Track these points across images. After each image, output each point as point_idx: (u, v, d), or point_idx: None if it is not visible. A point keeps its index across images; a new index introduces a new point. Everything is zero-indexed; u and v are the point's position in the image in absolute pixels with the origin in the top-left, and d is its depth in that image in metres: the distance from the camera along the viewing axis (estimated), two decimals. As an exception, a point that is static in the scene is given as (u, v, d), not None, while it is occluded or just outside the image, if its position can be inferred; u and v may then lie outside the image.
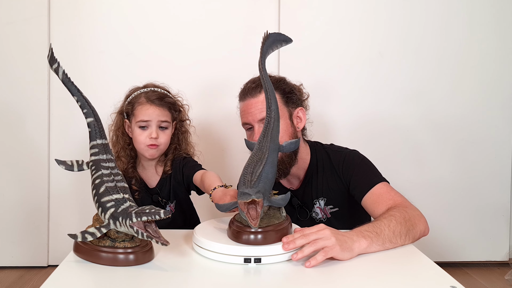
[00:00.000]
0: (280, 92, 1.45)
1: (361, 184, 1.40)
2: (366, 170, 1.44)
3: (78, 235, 1.00)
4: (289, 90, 1.47)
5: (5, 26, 2.23)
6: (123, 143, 1.53)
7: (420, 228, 1.23)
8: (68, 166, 1.10)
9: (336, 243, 1.05)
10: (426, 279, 0.99)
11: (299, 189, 1.52)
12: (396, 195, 1.34)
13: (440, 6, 2.34)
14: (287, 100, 1.46)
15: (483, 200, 2.41)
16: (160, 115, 1.49)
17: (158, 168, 1.58)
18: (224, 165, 2.30)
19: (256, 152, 1.13)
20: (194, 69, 2.29)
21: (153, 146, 1.48)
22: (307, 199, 1.50)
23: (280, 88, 1.45)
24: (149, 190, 1.57)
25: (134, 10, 2.28)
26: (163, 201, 1.57)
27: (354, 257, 1.10)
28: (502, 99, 2.39)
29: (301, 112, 1.50)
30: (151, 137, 1.47)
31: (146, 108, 1.48)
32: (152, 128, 1.48)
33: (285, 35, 1.23)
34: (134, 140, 1.51)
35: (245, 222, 1.08)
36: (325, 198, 1.48)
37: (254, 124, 1.43)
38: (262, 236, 1.06)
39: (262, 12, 2.31)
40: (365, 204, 1.37)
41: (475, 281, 2.22)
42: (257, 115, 1.41)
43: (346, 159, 1.47)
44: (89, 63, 2.26)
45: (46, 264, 2.30)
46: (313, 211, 1.50)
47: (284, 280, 0.99)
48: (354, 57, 2.32)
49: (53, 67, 1.02)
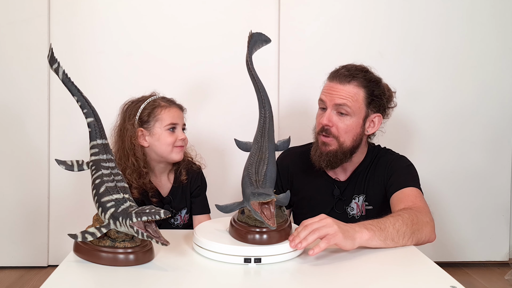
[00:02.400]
0: (368, 91, 1.44)
1: (396, 182, 1.42)
2: (406, 174, 1.45)
3: (78, 235, 1.00)
4: (378, 93, 1.45)
5: (5, 26, 2.23)
6: (141, 155, 1.48)
7: (425, 233, 1.23)
8: (68, 166, 1.10)
9: (338, 231, 1.07)
10: (426, 279, 0.99)
11: (343, 182, 1.52)
12: (420, 202, 1.34)
13: (440, 6, 2.34)
14: (371, 102, 1.45)
15: (483, 200, 2.41)
16: (183, 117, 1.54)
17: (170, 176, 1.58)
18: (224, 165, 2.30)
19: (256, 152, 1.13)
20: (194, 69, 2.29)
21: (181, 148, 1.51)
22: (348, 193, 1.50)
23: (370, 88, 1.44)
24: (162, 199, 1.56)
25: (134, 11, 2.28)
26: (174, 211, 1.56)
27: (355, 247, 1.11)
28: (502, 99, 2.39)
29: (377, 119, 1.48)
30: (180, 138, 1.50)
31: (174, 111, 1.51)
32: (178, 129, 1.51)
33: (265, 35, 1.22)
34: (160, 144, 1.48)
35: (253, 222, 1.08)
36: (365, 194, 1.49)
37: (328, 106, 1.43)
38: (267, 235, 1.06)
39: (262, 12, 2.31)
40: (391, 201, 1.40)
41: (475, 281, 2.22)
42: (335, 100, 1.41)
43: (393, 161, 1.49)
44: (89, 63, 2.26)
45: (46, 264, 2.30)
46: (349, 206, 1.50)
47: (284, 280, 0.99)
48: (353, 57, 2.27)
49: (53, 67, 1.02)
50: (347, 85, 1.42)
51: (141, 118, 1.49)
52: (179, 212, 1.58)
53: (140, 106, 1.50)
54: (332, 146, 1.43)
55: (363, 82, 1.43)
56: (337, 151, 1.43)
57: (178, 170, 1.57)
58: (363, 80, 1.43)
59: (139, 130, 1.49)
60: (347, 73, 1.43)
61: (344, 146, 1.44)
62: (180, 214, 1.58)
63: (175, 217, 1.57)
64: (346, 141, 1.44)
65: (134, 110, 1.51)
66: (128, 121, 1.50)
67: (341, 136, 1.43)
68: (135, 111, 1.50)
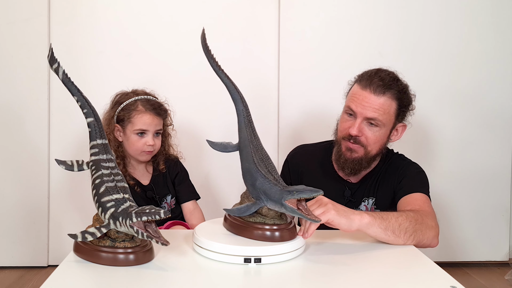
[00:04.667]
0: (400, 103, 1.41)
1: (405, 187, 1.41)
2: (417, 180, 1.44)
3: (78, 235, 1.00)
4: (407, 103, 1.44)
5: (5, 26, 2.23)
6: (115, 147, 1.58)
7: (428, 236, 1.22)
8: (68, 166, 1.10)
9: (331, 208, 1.10)
10: (426, 279, 0.99)
11: (355, 184, 1.51)
12: (428, 207, 1.33)
13: (440, 6, 2.34)
14: (399, 113, 1.43)
15: (483, 200, 2.41)
16: (157, 124, 1.57)
17: (148, 167, 1.66)
18: (224, 165, 2.30)
19: (256, 152, 1.13)
20: (194, 69, 2.28)
21: (149, 152, 1.57)
22: (358, 195, 1.50)
23: (401, 100, 1.41)
24: (143, 187, 1.61)
25: (134, 11, 2.28)
26: (157, 197, 1.62)
27: (353, 229, 1.12)
28: (501, 99, 2.39)
29: (401, 128, 1.48)
30: (149, 144, 1.55)
31: (146, 118, 1.54)
32: (149, 136, 1.56)
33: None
34: (129, 145, 1.58)
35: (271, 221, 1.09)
36: (375, 198, 1.48)
37: (358, 116, 1.39)
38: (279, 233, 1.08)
39: (262, 12, 2.31)
40: (399, 204, 1.38)
41: (475, 281, 2.22)
42: (367, 113, 1.37)
43: (405, 166, 1.48)
44: (89, 63, 2.26)
45: (46, 264, 2.30)
46: (358, 208, 1.49)
47: (284, 280, 0.99)
48: (353, 57, 2.31)
49: (53, 67, 1.02)
50: (381, 97, 1.37)
51: (119, 116, 1.57)
52: (164, 199, 1.64)
53: (122, 103, 1.57)
54: (359, 153, 1.42)
55: (396, 94, 1.40)
56: (362, 159, 1.43)
57: (156, 162, 1.65)
58: (396, 92, 1.40)
59: (115, 125, 1.57)
60: (381, 84, 1.38)
61: (370, 154, 1.43)
62: (166, 201, 1.65)
63: (162, 204, 1.63)
64: (373, 150, 1.43)
65: (117, 105, 1.59)
66: (111, 111, 1.59)
67: (369, 145, 1.42)
68: (117, 107, 1.58)
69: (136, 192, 1.59)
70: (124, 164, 1.60)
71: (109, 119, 1.59)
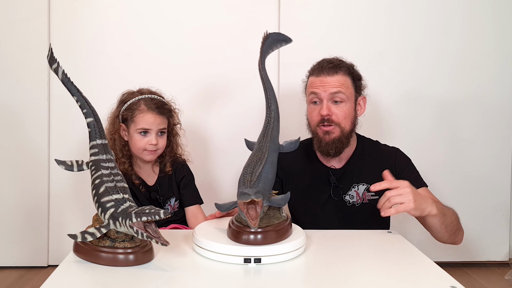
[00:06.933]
0: (352, 77, 1.54)
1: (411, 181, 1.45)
2: (415, 172, 1.57)
3: (78, 235, 1.00)
4: (358, 77, 1.56)
5: (5, 26, 2.23)
6: (120, 146, 1.58)
7: (459, 237, 1.45)
8: (68, 166, 1.10)
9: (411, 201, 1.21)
10: (426, 279, 0.99)
11: (339, 170, 1.57)
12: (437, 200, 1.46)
13: (440, 6, 2.34)
14: (356, 85, 1.55)
15: (483, 200, 2.41)
16: (160, 123, 1.56)
17: (154, 167, 1.65)
18: (224, 165, 2.30)
19: (256, 152, 1.13)
20: (194, 69, 2.29)
21: (152, 152, 1.56)
22: (345, 181, 1.56)
23: (353, 74, 1.54)
24: (148, 187, 1.61)
25: (134, 11, 2.28)
26: (161, 198, 1.61)
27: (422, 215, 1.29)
28: (502, 99, 2.39)
29: (363, 101, 1.59)
30: (151, 143, 1.54)
31: (148, 117, 1.54)
32: (152, 135, 1.55)
33: (284, 35, 1.24)
34: (133, 144, 1.57)
35: (245, 222, 1.08)
36: (368, 184, 1.53)
37: (323, 98, 1.50)
38: (261, 236, 1.06)
39: (262, 12, 2.31)
40: None
41: (475, 281, 2.22)
42: (329, 89, 1.49)
43: (399, 153, 1.60)
44: (88, 63, 2.26)
45: (46, 264, 2.30)
46: (348, 194, 1.55)
47: (284, 280, 0.99)
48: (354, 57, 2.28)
49: (52, 67, 1.02)
50: (336, 76, 1.51)
51: (123, 115, 1.57)
52: (168, 201, 1.64)
53: (126, 102, 1.57)
54: (335, 133, 1.51)
55: (347, 70, 1.53)
56: (341, 137, 1.51)
57: (162, 163, 1.64)
58: (346, 68, 1.53)
59: (120, 124, 1.58)
60: (331, 65, 1.52)
61: (345, 131, 1.52)
62: (170, 203, 1.64)
63: (165, 206, 1.63)
64: (346, 126, 1.52)
65: (121, 104, 1.59)
66: (116, 111, 1.60)
67: (341, 122, 1.51)
68: (122, 106, 1.58)
69: (141, 192, 1.58)
70: (131, 163, 1.59)
71: (114, 118, 1.59)
